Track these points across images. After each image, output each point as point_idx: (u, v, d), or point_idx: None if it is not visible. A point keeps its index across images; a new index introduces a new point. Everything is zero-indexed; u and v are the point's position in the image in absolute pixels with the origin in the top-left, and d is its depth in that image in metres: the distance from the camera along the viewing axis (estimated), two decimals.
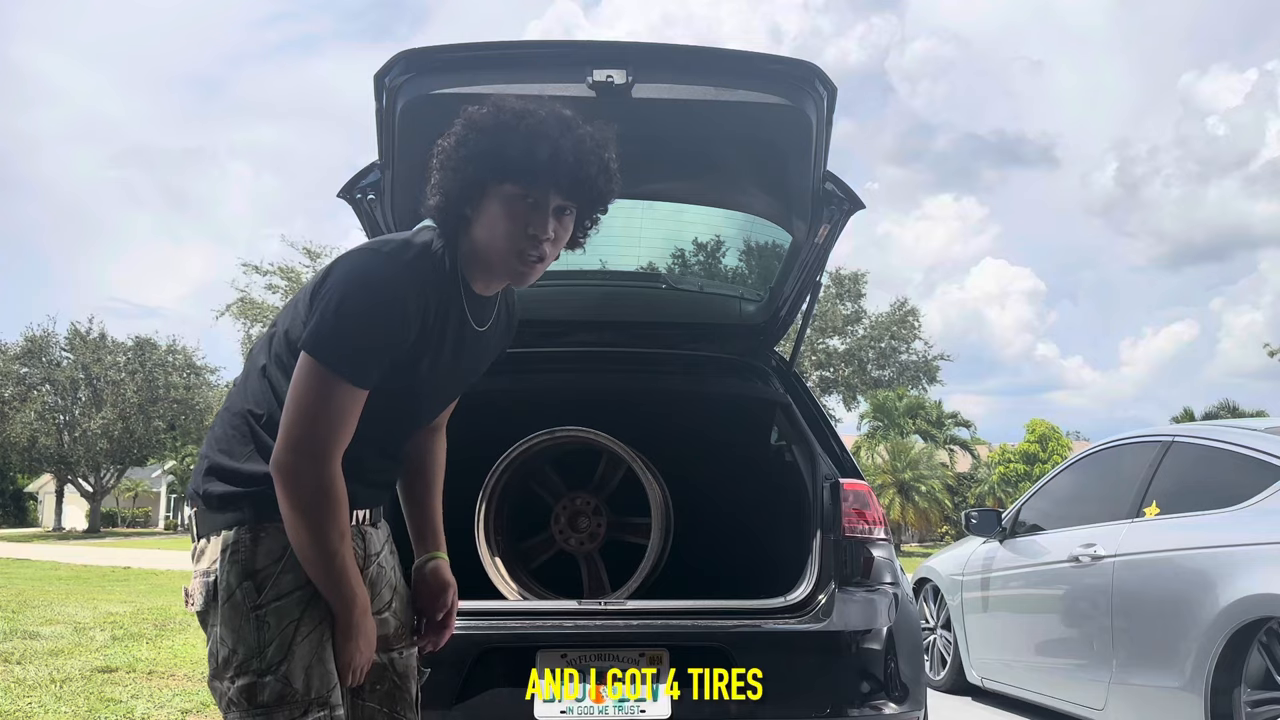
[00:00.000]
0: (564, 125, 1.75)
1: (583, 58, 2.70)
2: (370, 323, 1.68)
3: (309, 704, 1.67)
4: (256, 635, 1.67)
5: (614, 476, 3.79)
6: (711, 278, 4.11)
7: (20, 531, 45.59)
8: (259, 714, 1.66)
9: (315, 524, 1.66)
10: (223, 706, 1.70)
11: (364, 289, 1.69)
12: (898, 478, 35.31)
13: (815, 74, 2.76)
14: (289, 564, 1.69)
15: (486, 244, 1.77)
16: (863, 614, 2.93)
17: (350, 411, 1.69)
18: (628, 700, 2.79)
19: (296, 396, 1.67)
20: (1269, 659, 3.43)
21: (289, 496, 1.65)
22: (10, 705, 4.78)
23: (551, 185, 1.74)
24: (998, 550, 5.54)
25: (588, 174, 1.77)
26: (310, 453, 1.65)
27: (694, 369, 3.89)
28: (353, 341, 1.67)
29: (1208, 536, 3.85)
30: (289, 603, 1.68)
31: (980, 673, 5.71)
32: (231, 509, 1.71)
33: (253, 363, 1.82)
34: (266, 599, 1.68)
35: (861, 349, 38.56)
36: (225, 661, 1.68)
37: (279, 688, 1.66)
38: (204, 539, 1.74)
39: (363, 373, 1.68)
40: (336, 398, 1.66)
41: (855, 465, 3.29)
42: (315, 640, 1.70)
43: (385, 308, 1.68)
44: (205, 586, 1.71)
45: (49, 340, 40.97)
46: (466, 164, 1.74)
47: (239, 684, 1.67)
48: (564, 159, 1.73)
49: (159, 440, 43.43)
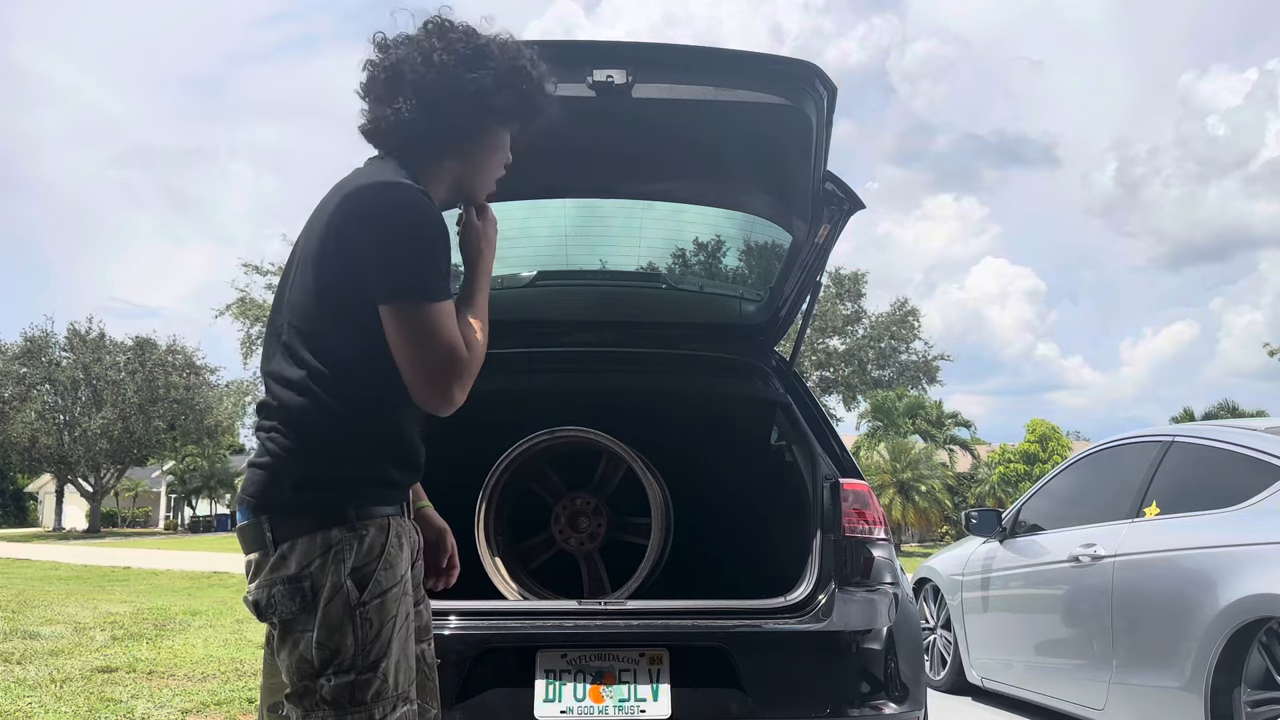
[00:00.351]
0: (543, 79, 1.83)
1: (583, 58, 2.70)
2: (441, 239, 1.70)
3: (398, 698, 1.72)
4: (360, 633, 1.67)
5: (614, 476, 3.78)
6: (711, 278, 4.11)
7: (20, 531, 45.62)
8: (358, 711, 1.67)
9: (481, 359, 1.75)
10: (308, 706, 1.69)
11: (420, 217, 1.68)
12: (898, 478, 35.29)
13: (815, 74, 2.76)
14: (387, 560, 1.72)
15: (468, 177, 1.85)
16: (863, 614, 2.93)
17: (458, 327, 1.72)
18: (628, 700, 2.78)
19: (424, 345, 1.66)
20: (1269, 659, 3.43)
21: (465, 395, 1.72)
22: (10, 705, 4.78)
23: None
24: (998, 550, 5.54)
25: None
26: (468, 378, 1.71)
27: (694, 369, 3.89)
28: (438, 263, 1.68)
29: (1208, 536, 3.85)
30: (388, 599, 1.71)
31: (980, 673, 5.71)
32: (328, 510, 1.69)
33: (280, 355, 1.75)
34: (369, 596, 1.69)
35: (861, 349, 38.58)
36: (324, 662, 1.67)
37: (378, 684, 1.69)
38: (286, 544, 1.69)
39: (450, 283, 1.72)
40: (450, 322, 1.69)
41: (855, 465, 3.29)
42: (404, 635, 1.74)
43: (441, 224, 1.70)
44: (298, 591, 1.67)
45: (48, 340, 40.98)
46: (476, 101, 1.75)
47: (337, 682, 1.67)
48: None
49: (159, 440, 43.46)
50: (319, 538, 1.68)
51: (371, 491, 1.74)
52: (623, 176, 3.40)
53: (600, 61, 2.68)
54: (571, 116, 2.77)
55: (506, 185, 1.97)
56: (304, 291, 1.73)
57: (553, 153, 2.68)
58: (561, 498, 3.82)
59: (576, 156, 3.14)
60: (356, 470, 1.72)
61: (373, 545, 1.70)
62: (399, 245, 1.66)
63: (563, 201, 3.59)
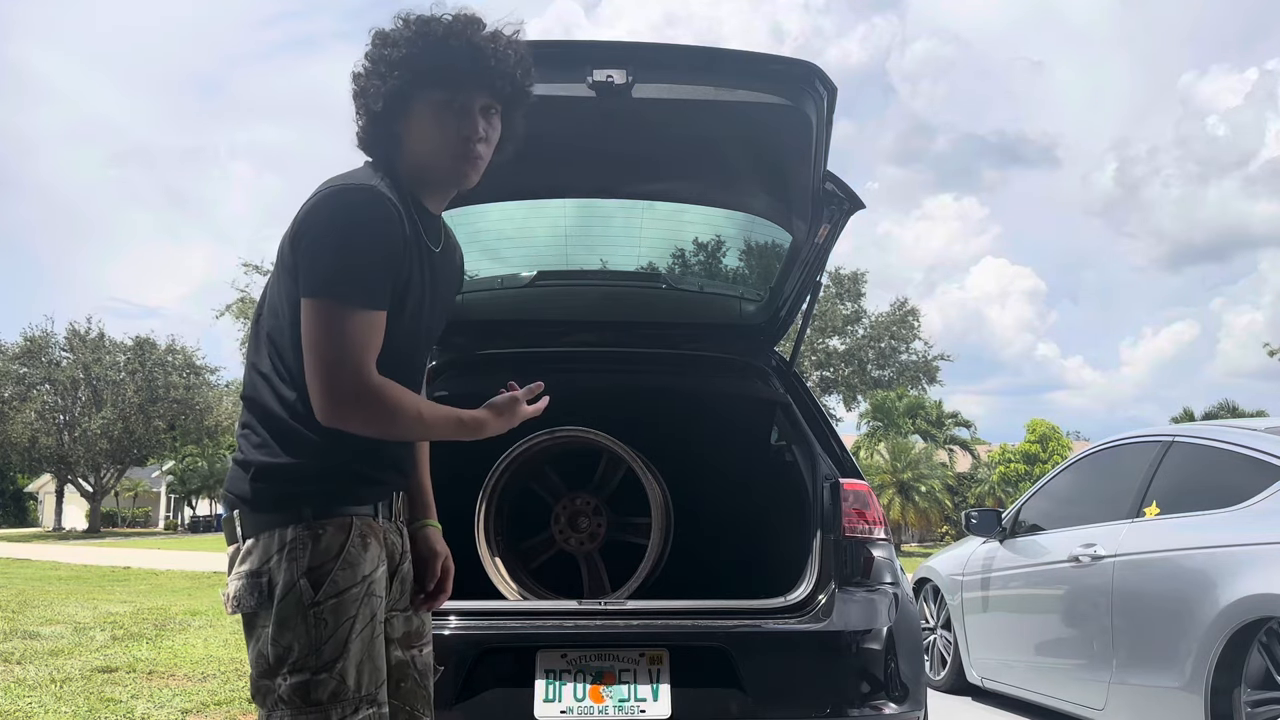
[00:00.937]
0: (474, 24, 1.74)
1: (583, 58, 2.70)
2: (374, 245, 1.65)
3: (360, 700, 1.68)
4: (314, 633, 1.66)
5: (614, 476, 3.78)
6: (711, 278, 4.11)
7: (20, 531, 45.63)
8: (313, 711, 1.66)
9: (406, 427, 1.70)
10: (269, 705, 1.68)
11: (355, 216, 1.65)
12: (898, 478, 35.30)
13: (815, 74, 2.76)
14: (345, 561, 1.69)
15: (423, 157, 1.77)
16: (863, 614, 2.93)
17: (372, 338, 1.65)
18: (628, 700, 2.78)
19: (314, 345, 1.63)
20: (1269, 659, 3.43)
21: (367, 430, 1.66)
22: (10, 705, 4.78)
23: (476, 86, 1.74)
24: (998, 550, 5.54)
25: (508, 69, 1.76)
26: (351, 391, 1.63)
27: (694, 369, 3.89)
28: (357, 267, 1.64)
29: (1208, 536, 3.85)
30: (345, 600, 1.68)
31: (980, 673, 5.71)
32: (286, 508, 1.69)
33: (255, 351, 1.79)
34: (324, 596, 1.67)
35: (861, 349, 38.58)
36: (278, 660, 1.67)
37: (334, 685, 1.66)
38: (251, 539, 1.70)
39: (374, 294, 1.65)
40: (355, 329, 1.63)
41: (855, 465, 3.29)
42: (367, 637, 1.70)
43: (383, 230, 1.66)
44: (257, 586, 1.68)
45: (48, 340, 40.97)
46: (386, 79, 1.73)
47: (292, 681, 1.66)
48: (485, 59, 1.73)
49: (159, 440, 43.45)
50: (277, 535, 1.69)
51: (333, 490, 1.72)
52: (623, 176, 3.40)
53: (600, 61, 2.68)
54: (571, 116, 2.79)
55: (507, 185, 1.97)
56: (273, 287, 1.77)
57: (553, 153, 2.68)
58: (561, 498, 3.82)
59: (576, 156, 3.14)
60: (315, 466, 1.71)
61: (330, 545, 1.69)
62: (322, 241, 1.65)
63: (563, 201, 3.59)
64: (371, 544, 1.75)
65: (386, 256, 1.67)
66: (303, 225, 1.69)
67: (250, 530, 1.71)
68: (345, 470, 1.74)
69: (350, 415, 1.64)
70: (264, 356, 1.76)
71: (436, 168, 1.78)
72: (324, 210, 1.68)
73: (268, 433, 1.72)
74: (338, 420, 1.64)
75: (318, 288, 1.64)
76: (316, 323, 1.63)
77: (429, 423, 1.73)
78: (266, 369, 1.74)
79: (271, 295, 1.77)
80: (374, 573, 1.74)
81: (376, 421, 1.66)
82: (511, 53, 1.76)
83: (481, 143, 1.77)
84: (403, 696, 1.88)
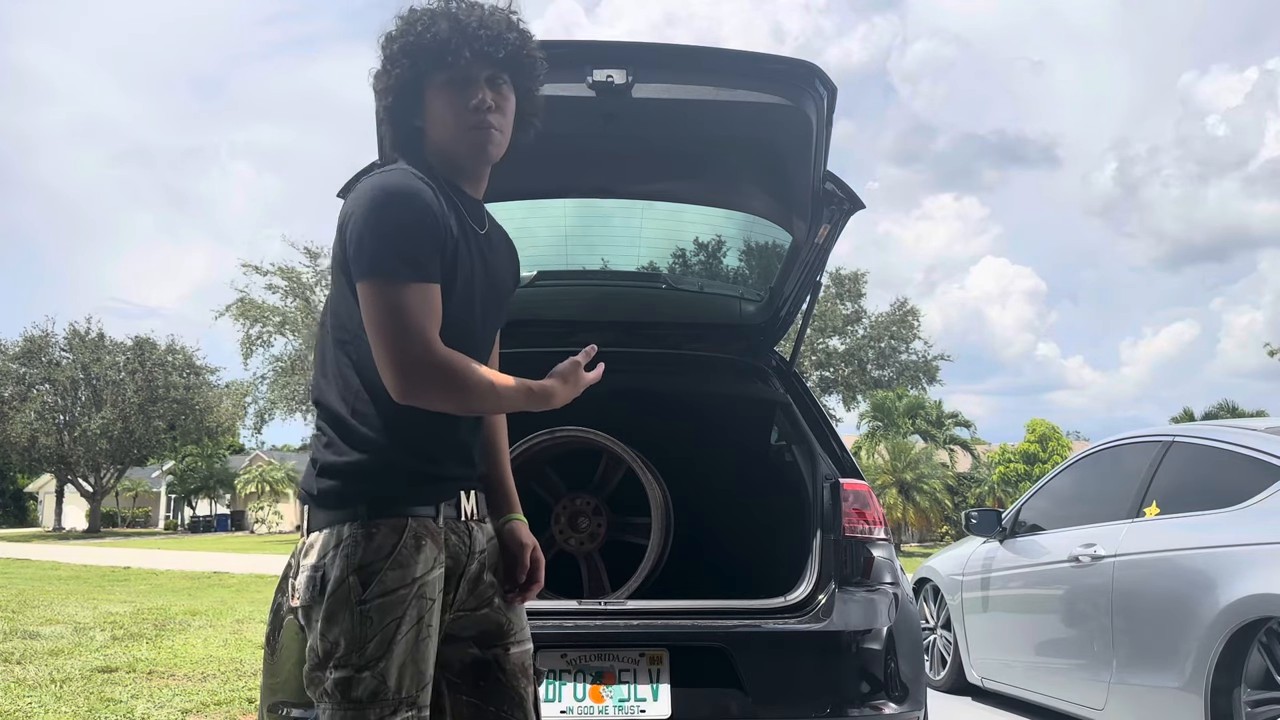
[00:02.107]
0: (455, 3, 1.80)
1: (583, 58, 2.70)
2: (412, 220, 1.69)
3: (399, 703, 1.68)
4: (359, 630, 1.67)
5: (614, 476, 3.78)
6: (712, 278, 4.11)
7: (20, 531, 45.64)
8: (352, 709, 1.67)
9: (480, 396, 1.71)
10: (318, 697, 1.72)
11: (389, 197, 1.70)
12: (898, 478, 35.29)
13: (815, 74, 2.76)
14: (397, 561, 1.70)
15: (445, 142, 1.81)
16: (863, 614, 2.93)
17: (429, 309, 1.68)
18: (627, 700, 2.78)
19: (376, 325, 1.67)
20: (1269, 659, 3.43)
21: (444, 402, 1.69)
22: (10, 705, 4.78)
23: (472, 57, 1.77)
24: (998, 550, 5.54)
25: (499, 33, 1.79)
26: (421, 360, 1.65)
27: (694, 369, 3.89)
28: (400, 243, 1.68)
29: (1208, 536, 3.85)
30: (393, 600, 1.68)
31: (980, 673, 5.71)
32: (345, 505, 1.72)
33: (321, 357, 1.83)
34: (372, 594, 1.68)
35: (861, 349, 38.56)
36: (326, 655, 1.69)
37: (374, 684, 1.67)
38: (314, 533, 1.74)
39: (422, 266, 1.68)
40: (411, 302, 1.66)
41: (855, 465, 3.29)
42: (412, 639, 1.70)
43: (419, 206, 1.71)
44: (312, 580, 1.72)
45: (48, 340, 40.98)
46: (392, 73, 1.79)
47: (335, 676, 1.67)
48: (470, 29, 1.77)
49: (159, 440, 43.45)
50: (335, 531, 1.72)
51: (390, 489, 1.73)
52: (623, 176, 3.40)
53: (600, 61, 2.68)
54: (571, 116, 2.79)
55: (507, 185, 1.97)
56: (331, 288, 1.84)
57: (553, 153, 2.68)
58: (561, 498, 3.82)
59: (576, 156, 3.14)
60: (373, 464, 1.72)
61: (382, 544, 1.70)
62: (363, 225, 1.69)
63: (563, 201, 3.59)
64: (426, 546, 1.74)
65: (425, 227, 1.70)
66: (345, 218, 1.75)
67: (314, 525, 1.75)
68: (403, 468, 1.74)
69: (425, 387, 1.66)
70: (327, 358, 1.80)
71: (458, 147, 1.82)
72: (361, 198, 1.72)
73: (333, 432, 1.75)
74: (414, 394, 1.66)
75: (366, 270, 1.68)
76: (373, 303, 1.67)
77: (501, 392, 1.73)
78: (330, 370, 1.79)
79: (331, 296, 1.83)
80: (426, 575, 1.73)
81: (451, 391, 1.68)
82: (497, 20, 1.80)
83: (492, 112, 1.80)
84: (484, 695, 1.86)
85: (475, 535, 1.87)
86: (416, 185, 1.72)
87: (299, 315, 32.81)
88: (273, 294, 33.20)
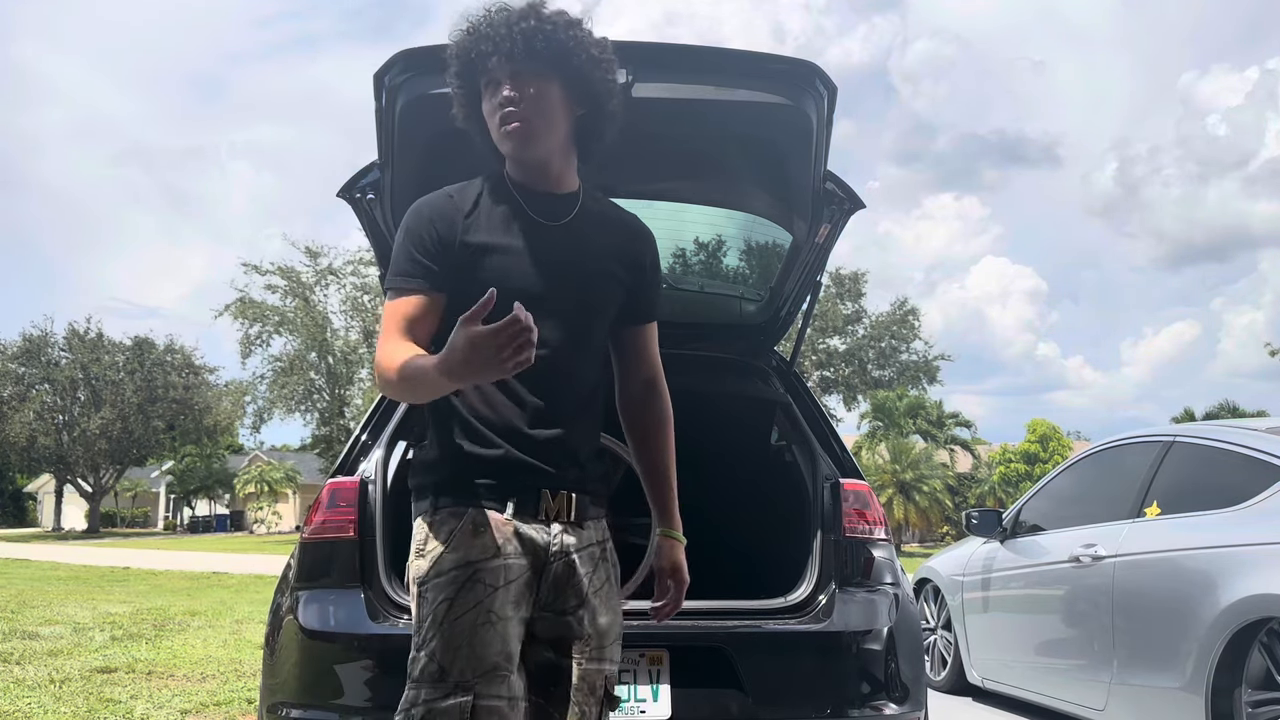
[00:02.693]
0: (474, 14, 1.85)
1: None
2: (402, 235, 1.85)
3: (453, 687, 1.68)
4: (420, 610, 1.75)
5: (614, 476, 3.77)
6: (712, 277, 4.10)
7: (19, 531, 45.60)
8: (411, 686, 1.73)
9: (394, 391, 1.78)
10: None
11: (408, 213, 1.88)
12: (898, 478, 35.32)
13: (816, 73, 2.75)
14: (454, 545, 1.75)
15: (497, 145, 1.88)
16: (863, 614, 2.92)
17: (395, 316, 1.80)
18: (627, 700, 2.78)
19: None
20: (1270, 659, 3.43)
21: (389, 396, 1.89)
22: (10, 705, 4.78)
23: (493, 57, 1.80)
24: (998, 550, 5.54)
25: (510, 27, 1.79)
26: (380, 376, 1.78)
27: (694, 368, 3.88)
28: (393, 259, 1.85)
29: (1208, 537, 3.85)
30: (444, 580, 1.73)
31: (981, 673, 5.71)
32: (421, 496, 1.84)
33: None
34: (429, 576, 1.75)
35: (862, 349, 38.60)
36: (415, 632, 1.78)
37: (425, 664, 1.72)
38: (414, 522, 1.86)
39: (401, 276, 1.82)
40: (386, 312, 1.82)
41: (856, 465, 3.28)
42: (469, 624, 1.70)
43: (408, 224, 1.86)
44: (408, 568, 1.84)
45: (47, 340, 40.97)
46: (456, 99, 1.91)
47: (410, 655, 1.76)
48: (482, 32, 1.81)
49: (158, 440, 43.45)
50: (420, 520, 1.83)
51: (453, 480, 1.80)
52: (623, 176, 3.39)
53: None
54: None
55: None
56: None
57: None
58: None
59: None
60: (441, 457, 1.82)
61: (440, 530, 1.78)
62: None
63: None
64: (486, 534, 1.75)
65: (413, 238, 1.83)
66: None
67: (413, 515, 1.87)
68: (466, 463, 1.80)
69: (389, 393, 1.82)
70: None
71: (502, 147, 1.87)
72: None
73: (426, 430, 1.88)
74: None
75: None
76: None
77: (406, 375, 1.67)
78: None
79: None
80: (484, 561, 1.73)
81: (380, 386, 1.79)
82: (509, 14, 1.81)
83: (512, 105, 1.80)
84: (549, 699, 1.83)
85: (563, 537, 1.83)
86: (421, 201, 1.87)
87: (298, 315, 32.81)
88: (272, 294, 33.23)
